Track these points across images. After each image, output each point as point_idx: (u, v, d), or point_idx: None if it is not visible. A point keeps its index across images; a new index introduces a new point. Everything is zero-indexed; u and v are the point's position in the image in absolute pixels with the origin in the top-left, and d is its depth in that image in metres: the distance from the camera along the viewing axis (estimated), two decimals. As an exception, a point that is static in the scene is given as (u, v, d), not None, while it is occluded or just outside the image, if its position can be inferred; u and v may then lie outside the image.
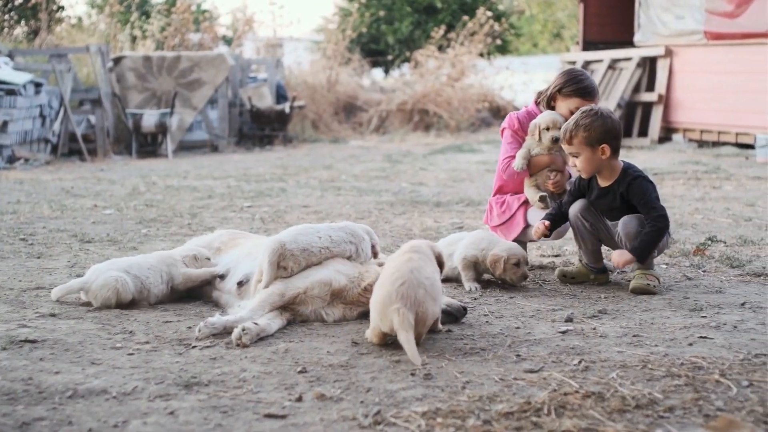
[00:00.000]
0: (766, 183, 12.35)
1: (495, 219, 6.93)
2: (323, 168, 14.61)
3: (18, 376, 4.12)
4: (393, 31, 28.37)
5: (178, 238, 7.84)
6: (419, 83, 23.62)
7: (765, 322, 5.23)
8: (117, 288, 5.34)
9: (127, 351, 4.56)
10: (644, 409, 3.81)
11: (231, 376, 4.20)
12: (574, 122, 5.93)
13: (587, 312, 5.47)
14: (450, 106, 22.78)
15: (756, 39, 17.01)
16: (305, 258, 5.23)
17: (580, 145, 5.93)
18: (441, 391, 4.03)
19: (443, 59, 24.11)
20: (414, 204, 10.26)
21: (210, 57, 18.19)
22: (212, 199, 10.49)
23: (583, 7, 20.76)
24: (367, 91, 24.44)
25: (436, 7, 28.86)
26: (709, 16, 17.72)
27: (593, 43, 20.70)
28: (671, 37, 18.53)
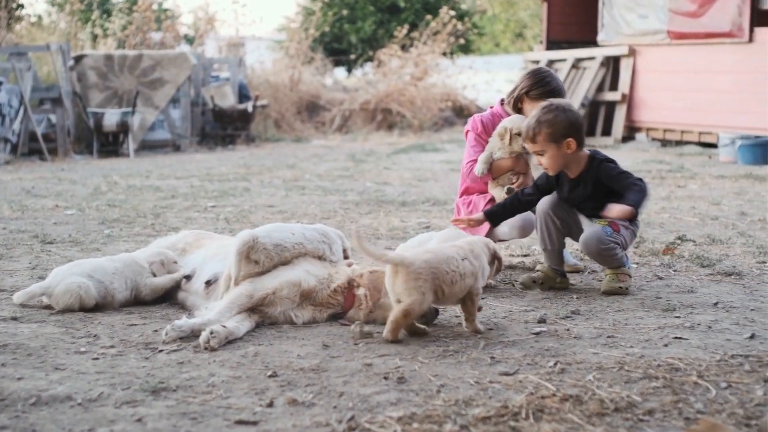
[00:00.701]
0: (731, 182, 12.37)
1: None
2: (287, 167, 14.49)
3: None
4: (356, 31, 28.26)
5: (142, 238, 7.71)
6: (382, 82, 23.53)
7: (739, 322, 5.19)
8: (80, 294, 5.21)
9: (92, 356, 4.44)
10: (623, 412, 3.74)
11: (200, 381, 4.09)
12: (536, 120, 5.82)
13: (560, 313, 5.40)
14: (413, 106, 22.71)
15: (719, 38, 17.06)
16: (278, 254, 5.13)
17: (544, 143, 5.83)
18: (415, 395, 3.94)
19: (406, 58, 24.03)
20: (379, 203, 10.17)
21: (172, 56, 18.01)
22: (176, 199, 10.35)
23: (546, 7, 20.74)
24: (329, 90, 24.31)
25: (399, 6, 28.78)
26: (672, 15, 17.75)
27: (557, 42, 20.69)
28: (635, 37, 18.55)
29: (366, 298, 5.07)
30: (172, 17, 24.46)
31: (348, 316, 5.13)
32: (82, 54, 17.72)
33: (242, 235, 5.14)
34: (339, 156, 16.68)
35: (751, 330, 4.99)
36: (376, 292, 5.07)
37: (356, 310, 5.11)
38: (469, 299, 4.98)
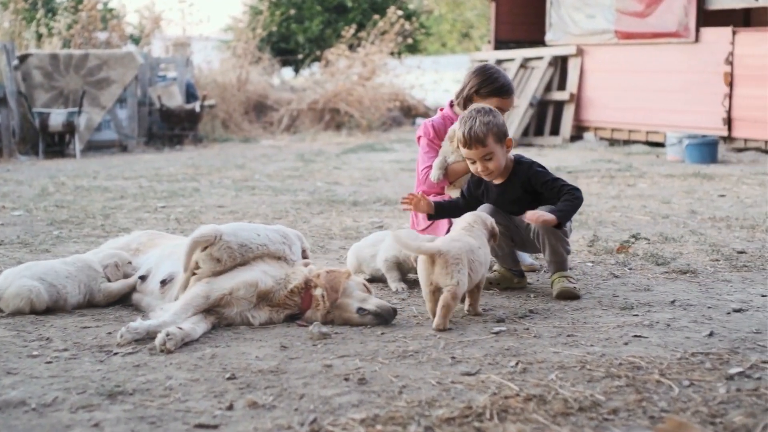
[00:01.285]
0: (679, 180, 12.44)
1: (421, 222, 6.78)
2: (236, 167, 14.36)
3: (-71, 388, 3.88)
4: (303, 30, 28.14)
5: (92, 239, 7.58)
6: (330, 82, 23.44)
7: (697, 320, 5.19)
8: (30, 298, 5.09)
9: (45, 359, 4.34)
10: (588, 411, 3.72)
11: (157, 384, 4.01)
12: (480, 123, 5.67)
13: (518, 312, 5.38)
14: (361, 105, 22.64)
15: (665, 38, 17.18)
16: (241, 254, 5.07)
17: (493, 144, 5.74)
18: (377, 396, 3.89)
19: (354, 58, 23.96)
20: (331, 203, 10.10)
21: (119, 55, 17.78)
22: (125, 200, 10.20)
23: (494, 6, 20.75)
24: (277, 90, 24.18)
25: (346, 6, 28.70)
26: (619, 15, 17.85)
27: (505, 42, 20.71)
28: (582, 37, 18.62)
29: (323, 298, 5.01)
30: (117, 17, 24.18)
31: (305, 316, 5.06)
32: (26, 53, 17.44)
33: (204, 228, 5.07)
34: (288, 156, 16.57)
35: (710, 328, 4.99)
36: (333, 292, 5.01)
37: (313, 310, 5.04)
38: (477, 286, 5.32)
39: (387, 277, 6.07)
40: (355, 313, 5.01)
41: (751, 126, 16.18)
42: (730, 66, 16.30)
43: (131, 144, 17.68)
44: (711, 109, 16.48)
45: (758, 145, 16.16)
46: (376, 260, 6.16)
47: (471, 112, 5.79)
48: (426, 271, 5.07)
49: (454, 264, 5.02)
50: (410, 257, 5.96)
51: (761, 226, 8.52)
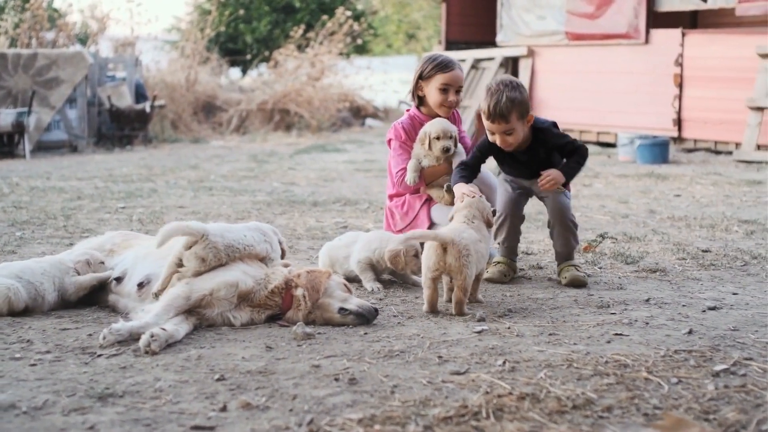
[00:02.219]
0: (634, 180, 12.56)
1: (399, 223, 6.77)
2: (189, 168, 14.25)
3: None
4: (251, 30, 27.99)
5: (56, 240, 7.48)
6: (279, 83, 23.34)
7: (674, 318, 5.24)
8: (9, 296, 5.00)
9: (29, 362, 4.26)
10: (582, 409, 3.73)
11: (146, 386, 3.96)
12: (506, 97, 5.75)
13: (497, 311, 5.39)
14: (311, 106, 22.57)
15: (615, 40, 17.35)
16: (227, 254, 5.03)
17: (515, 121, 5.84)
18: (370, 396, 3.87)
19: (303, 59, 23.89)
20: (291, 204, 10.05)
21: (68, 55, 17.55)
22: (82, 201, 10.07)
23: (445, 7, 20.81)
24: (226, 90, 24.02)
25: (294, 6, 28.59)
26: (569, 17, 17.98)
27: (455, 42, 20.79)
28: (533, 38, 18.74)
29: (305, 298, 4.98)
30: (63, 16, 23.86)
31: (286, 317, 5.03)
32: (-27, 52, 17.21)
33: (193, 222, 5.03)
34: (240, 157, 16.48)
35: (688, 326, 5.03)
36: (314, 292, 4.98)
37: (294, 311, 5.01)
38: (477, 278, 5.55)
39: (362, 278, 6.05)
40: (336, 313, 4.99)
41: (700, 127, 16.39)
42: (680, 67, 16.51)
43: (81, 144, 17.48)
44: (661, 110, 16.67)
45: (708, 146, 16.37)
46: (350, 261, 6.15)
47: (498, 85, 5.82)
48: (435, 257, 5.27)
49: (465, 256, 5.24)
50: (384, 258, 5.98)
51: (720, 225, 8.63)
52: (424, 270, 5.38)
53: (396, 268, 5.97)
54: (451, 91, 6.60)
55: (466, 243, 5.31)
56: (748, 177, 12.83)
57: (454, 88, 6.60)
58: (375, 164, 14.97)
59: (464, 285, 5.27)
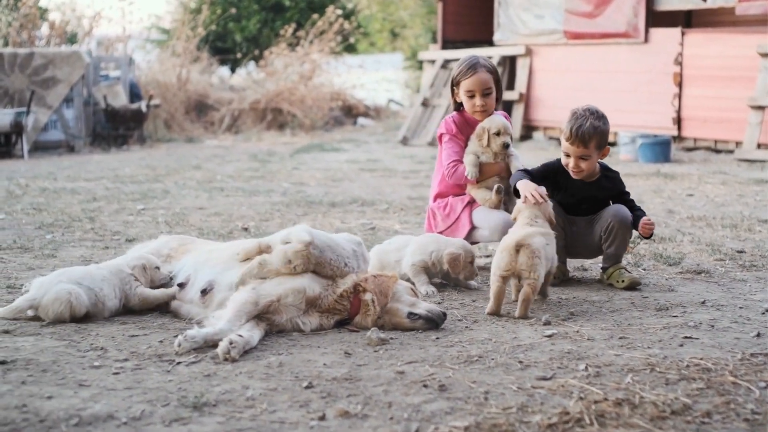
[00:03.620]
0: (643, 180, 12.57)
1: (440, 224, 6.75)
2: (192, 168, 14.16)
3: (9, 403, 3.73)
4: (240, 29, 27.87)
5: (89, 243, 7.41)
6: (271, 82, 23.25)
7: (736, 320, 5.24)
8: (70, 301, 4.94)
9: (110, 370, 4.21)
10: (681, 415, 3.72)
11: (236, 394, 3.91)
12: (590, 124, 5.96)
13: (559, 314, 5.37)
14: (303, 105, 22.49)
15: (614, 39, 17.36)
16: (314, 270, 5.01)
17: (593, 149, 6.01)
18: (464, 403, 3.84)
19: (294, 57, 23.80)
20: (309, 205, 10.01)
21: (65, 54, 17.40)
22: (99, 202, 9.98)
23: (441, 6, 20.79)
24: (217, 89, 23.90)
25: (284, 5, 28.48)
26: (568, 15, 17.99)
27: (452, 41, 20.77)
28: (531, 37, 18.73)
29: (374, 303, 4.93)
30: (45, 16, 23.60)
31: (354, 322, 4.99)
32: (-32, 52, 17.04)
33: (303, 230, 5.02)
34: (240, 156, 16.39)
35: (753, 328, 5.04)
36: (383, 297, 4.95)
37: (363, 315, 4.96)
38: (546, 278, 5.62)
39: (415, 281, 6.01)
40: (405, 318, 4.96)
41: (700, 125, 16.44)
42: (680, 66, 16.54)
43: (78, 144, 17.34)
44: (661, 109, 16.70)
45: (708, 145, 16.42)
46: (402, 265, 6.13)
47: (585, 111, 5.95)
48: (508, 258, 5.35)
49: (537, 257, 5.34)
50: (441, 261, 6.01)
51: (741, 225, 8.64)
52: (494, 269, 5.42)
53: (453, 271, 5.99)
54: (477, 95, 6.56)
55: (537, 244, 5.39)
56: (755, 176, 12.86)
57: (479, 92, 6.56)
58: (379, 164, 14.92)
59: (535, 285, 5.34)
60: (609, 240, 6.14)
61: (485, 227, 6.51)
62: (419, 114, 19.24)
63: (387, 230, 8.36)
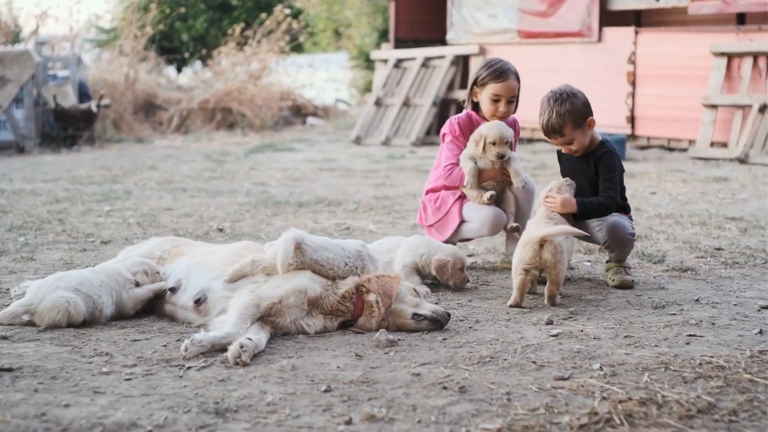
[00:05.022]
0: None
1: (430, 217, 6.73)
2: (148, 169, 13.96)
3: (27, 412, 3.61)
4: (187, 29, 27.62)
5: (65, 246, 7.25)
6: (220, 81, 23.06)
7: (735, 318, 5.26)
8: (68, 310, 4.80)
9: (121, 376, 4.10)
10: (707, 413, 3.71)
11: (255, 399, 3.83)
12: (555, 114, 5.92)
13: (558, 314, 5.34)
14: (253, 105, 22.33)
15: (568, 38, 17.45)
16: (310, 267, 4.94)
17: (571, 132, 5.93)
18: (488, 404, 3.80)
19: (243, 57, 23.62)
20: (276, 205, 9.90)
21: (15, 53, 17.08)
22: (62, 204, 9.78)
23: (394, 5, 20.75)
24: (165, 89, 23.63)
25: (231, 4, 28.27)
26: (521, 15, 18.04)
27: (404, 41, 20.72)
28: (484, 36, 18.76)
29: (378, 304, 4.87)
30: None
31: (358, 323, 4.92)
32: None
33: (296, 232, 4.95)
34: (194, 157, 16.20)
35: (754, 325, 5.06)
36: (387, 297, 4.89)
37: (367, 317, 4.90)
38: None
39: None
40: (410, 319, 4.90)
41: (653, 124, 16.58)
42: (633, 65, 16.67)
43: (29, 145, 17.02)
44: (615, 108, 16.81)
45: (661, 143, 16.57)
46: (393, 266, 6.07)
47: (549, 100, 5.92)
48: (532, 252, 5.43)
49: (560, 252, 5.45)
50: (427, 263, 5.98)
51: (710, 223, 8.71)
52: (516, 263, 5.49)
53: (441, 278, 5.96)
54: (502, 101, 6.54)
55: (560, 240, 5.50)
56: (713, 174, 12.98)
57: (506, 98, 6.55)
58: (336, 164, 14.85)
59: (558, 279, 5.49)
60: (609, 250, 6.13)
61: (475, 221, 6.49)
62: (372, 113, 19.18)
63: (362, 230, 8.30)
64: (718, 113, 15.36)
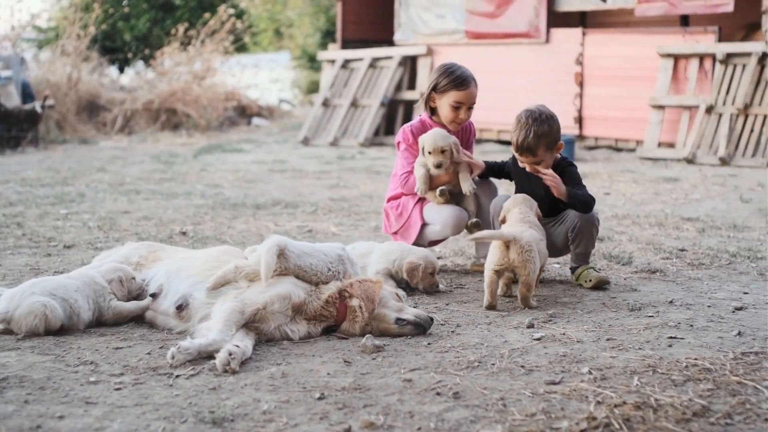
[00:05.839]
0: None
1: (393, 224, 6.73)
2: (97, 171, 13.77)
3: (21, 424, 3.54)
4: (130, 28, 27.34)
5: (28, 250, 7.12)
6: (164, 82, 22.84)
7: (712, 319, 5.31)
8: (46, 314, 4.71)
9: (111, 386, 4.03)
10: (703, 417, 3.74)
11: (250, 408, 3.79)
12: (533, 134, 5.97)
13: (538, 317, 5.35)
14: (198, 105, 22.15)
15: (516, 39, 17.53)
16: (293, 272, 4.91)
17: (543, 154, 6.00)
18: (485, 410, 3.80)
19: (187, 57, 23.42)
20: (233, 207, 9.82)
21: (-43, 53, 16.82)
22: (16, 207, 9.61)
23: (341, 6, 20.70)
24: (108, 89, 23.35)
25: (174, 4, 28.02)
26: (469, 16, 18.09)
27: (351, 41, 20.67)
28: (432, 36, 18.78)
29: (361, 309, 4.84)
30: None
31: (342, 328, 4.89)
32: None
33: (277, 238, 4.87)
34: (142, 158, 16.02)
35: (731, 327, 5.12)
36: (370, 302, 4.87)
37: (350, 322, 4.87)
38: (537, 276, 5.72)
39: (382, 288, 5.94)
40: (393, 324, 4.88)
41: (601, 125, 16.73)
42: (581, 66, 16.79)
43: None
44: (562, 108, 16.86)
45: (609, 143, 16.72)
46: (367, 272, 6.04)
47: (527, 119, 5.94)
48: (500, 254, 5.49)
49: (528, 251, 5.48)
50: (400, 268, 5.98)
51: (667, 223, 8.81)
52: (487, 265, 5.54)
53: (411, 281, 5.96)
54: (463, 108, 6.56)
55: (528, 240, 5.54)
56: (663, 174, 13.12)
57: (466, 105, 6.57)
58: (286, 165, 14.77)
59: (528, 280, 5.52)
60: (576, 240, 6.14)
61: (437, 222, 6.52)
62: (320, 114, 19.12)
63: (324, 233, 8.27)
64: (665, 114, 15.54)
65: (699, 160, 14.57)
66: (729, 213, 9.52)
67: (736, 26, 17.51)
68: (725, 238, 8.02)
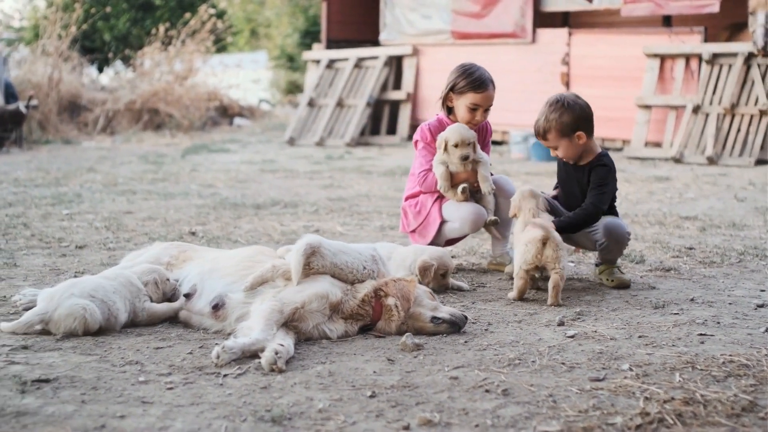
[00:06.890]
0: (546, 178, 12.78)
1: (412, 222, 6.76)
2: (87, 171, 13.72)
3: (85, 424, 3.54)
4: (109, 28, 27.22)
5: (41, 251, 7.10)
6: (146, 82, 22.77)
7: (736, 316, 5.37)
8: (85, 317, 4.70)
9: (162, 385, 4.04)
10: (752, 412, 3.80)
11: (305, 406, 3.81)
12: (544, 118, 6.07)
13: (566, 315, 5.39)
14: (180, 105, 22.10)
15: (502, 39, 17.62)
16: (331, 271, 4.95)
17: (555, 139, 6.04)
18: (536, 407, 3.84)
19: (169, 57, 23.36)
20: (234, 207, 9.83)
21: (-58, 53, 16.70)
22: (16, 207, 9.58)
23: (326, 6, 20.71)
24: (89, 89, 23.28)
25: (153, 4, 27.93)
26: (455, 16, 18.16)
27: (336, 41, 20.70)
28: (418, 36, 18.84)
29: (397, 308, 4.88)
30: None
31: (377, 327, 4.92)
32: None
33: (311, 237, 4.94)
34: (129, 158, 15.97)
35: (758, 324, 5.19)
36: (405, 301, 4.90)
37: (386, 321, 4.90)
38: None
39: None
40: (429, 322, 4.92)
41: (587, 124, 16.79)
42: (567, 66, 16.89)
43: (-44, 148, 16.61)
44: (549, 108, 16.98)
45: (596, 143, 16.78)
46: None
47: (546, 104, 6.14)
48: (534, 251, 5.61)
49: (561, 249, 5.65)
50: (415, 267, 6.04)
51: (667, 222, 8.90)
52: (519, 262, 5.65)
53: (423, 280, 5.94)
54: (480, 110, 6.61)
55: (560, 238, 5.75)
56: (653, 174, 13.24)
57: (484, 107, 6.61)
58: (276, 165, 14.78)
59: (562, 273, 5.64)
60: (604, 251, 6.19)
61: (455, 219, 6.55)
62: (305, 114, 19.14)
63: (331, 232, 8.30)
64: (652, 113, 15.68)
65: (687, 160, 14.70)
66: (726, 212, 9.61)
67: (721, 26, 17.66)
68: (728, 236, 8.11)
